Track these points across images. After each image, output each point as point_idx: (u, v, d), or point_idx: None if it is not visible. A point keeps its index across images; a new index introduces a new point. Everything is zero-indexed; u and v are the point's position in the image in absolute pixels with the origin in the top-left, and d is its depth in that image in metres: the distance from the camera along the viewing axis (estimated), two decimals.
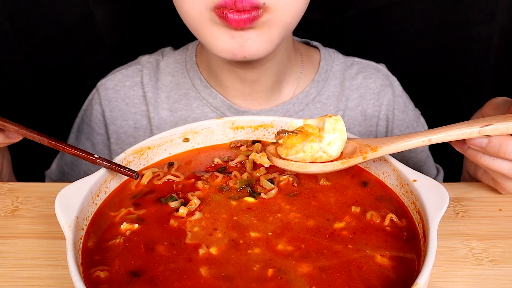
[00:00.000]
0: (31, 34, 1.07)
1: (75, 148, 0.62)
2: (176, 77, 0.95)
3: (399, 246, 0.52)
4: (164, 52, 1.00)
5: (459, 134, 0.57)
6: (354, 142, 0.61)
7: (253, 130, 0.71)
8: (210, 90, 0.92)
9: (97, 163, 0.60)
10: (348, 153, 0.60)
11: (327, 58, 0.96)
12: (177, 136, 0.68)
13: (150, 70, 0.96)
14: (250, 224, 0.55)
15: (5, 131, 0.66)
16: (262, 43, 0.76)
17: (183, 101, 0.94)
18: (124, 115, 0.96)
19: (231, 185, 0.62)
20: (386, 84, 0.97)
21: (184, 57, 0.97)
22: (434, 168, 1.03)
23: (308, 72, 0.95)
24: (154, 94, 0.95)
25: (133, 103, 0.96)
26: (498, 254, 0.58)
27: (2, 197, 0.70)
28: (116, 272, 0.49)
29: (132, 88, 0.97)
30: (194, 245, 0.52)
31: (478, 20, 1.09)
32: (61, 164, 1.01)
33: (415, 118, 1.00)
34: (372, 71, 0.97)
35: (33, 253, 0.60)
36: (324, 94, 0.94)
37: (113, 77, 0.98)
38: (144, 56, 0.99)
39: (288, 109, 0.92)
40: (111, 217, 0.57)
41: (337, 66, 0.96)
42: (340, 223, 0.55)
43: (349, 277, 0.48)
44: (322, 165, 0.58)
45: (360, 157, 0.58)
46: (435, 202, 0.52)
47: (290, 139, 0.58)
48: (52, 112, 1.17)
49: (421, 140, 0.58)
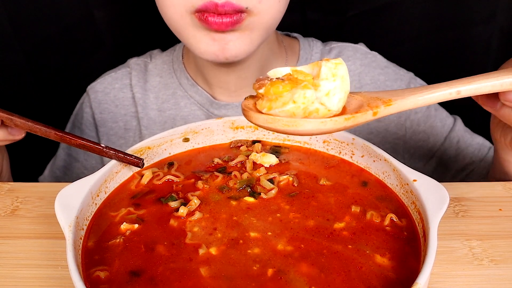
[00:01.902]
0: (31, 34, 1.07)
1: (81, 138, 0.62)
2: (164, 77, 0.97)
3: (399, 246, 0.52)
4: (152, 54, 1.01)
5: (497, 84, 0.45)
6: (359, 96, 0.48)
7: (253, 130, 0.71)
8: (196, 88, 0.93)
9: (104, 152, 0.61)
10: (352, 109, 0.46)
11: (306, 47, 0.97)
12: (177, 136, 0.68)
13: (138, 72, 0.98)
14: (250, 224, 0.55)
15: (8, 127, 0.66)
16: (243, 44, 0.77)
17: (171, 100, 0.95)
18: (114, 117, 0.98)
19: (231, 185, 0.62)
20: (366, 63, 0.97)
21: (171, 58, 0.98)
22: (449, 118, 0.96)
23: (291, 63, 0.96)
24: (142, 95, 0.96)
25: (123, 105, 0.98)
26: (498, 254, 0.58)
27: (2, 197, 0.70)
28: (116, 272, 0.49)
29: (121, 90, 0.98)
30: (194, 245, 0.52)
31: (478, 20, 1.09)
32: (53, 169, 1.01)
33: (411, 80, 0.98)
34: (349, 53, 0.97)
35: (33, 253, 0.60)
36: None
37: (102, 80, 0.99)
38: (133, 59, 1.00)
39: None
40: (111, 217, 0.57)
41: (316, 54, 0.97)
42: (340, 223, 0.55)
43: (348, 277, 0.48)
44: (320, 122, 0.44)
45: (369, 112, 0.45)
46: (435, 202, 0.52)
47: (274, 87, 0.44)
48: (52, 112, 1.17)
49: (448, 92, 0.46)
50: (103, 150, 0.61)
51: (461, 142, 0.95)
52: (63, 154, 1.01)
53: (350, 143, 0.65)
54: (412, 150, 0.97)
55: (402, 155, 0.97)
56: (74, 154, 1.01)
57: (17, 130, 0.67)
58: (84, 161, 1.00)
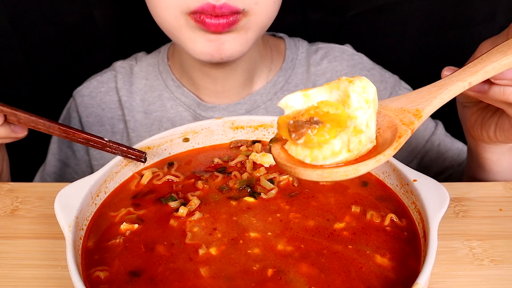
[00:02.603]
0: (31, 34, 1.07)
1: (85, 133, 0.63)
2: (149, 80, 0.97)
3: (399, 246, 0.52)
4: (137, 56, 1.01)
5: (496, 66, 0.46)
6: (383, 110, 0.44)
7: (253, 130, 0.71)
8: (182, 90, 0.93)
9: (107, 145, 0.62)
10: (386, 128, 0.43)
11: (292, 47, 0.97)
12: (177, 136, 0.68)
13: (124, 75, 0.98)
14: (250, 224, 0.55)
15: (11, 125, 0.66)
16: (238, 45, 0.77)
17: (157, 102, 0.95)
18: (101, 121, 0.98)
19: (231, 185, 0.62)
20: (352, 64, 0.97)
21: (156, 60, 0.98)
22: (431, 122, 0.98)
23: (277, 63, 0.96)
24: (128, 98, 0.96)
25: (109, 108, 0.98)
26: (498, 254, 0.58)
27: (2, 197, 0.70)
28: (116, 272, 0.49)
29: (107, 94, 0.98)
30: (194, 245, 0.52)
31: (478, 20, 1.09)
32: (44, 176, 1.01)
33: (395, 83, 0.98)
34: (336, 54, 0.97)
35: (33, 253, 0.60)
36: (292, 82, 0.94)
37: (88, 84, 0.99)
38: (118, 62, 1.00)
39: (256, 100, 0.93)
40: (111, 217, 0.57)
41: (302, 53, 0.97)
42: (340, 223, 0.55)
43: (348, 278, 0.48)
44: (375, 161, 0.39)
45: (408, 131, 0.42)
46: (435, 202, 0.52)
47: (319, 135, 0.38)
48: (52, 112, 1.16)
49: (462, 86, 0.45)
50: (107, 144, 0.62)
51: (442, 145, 0.96)
52: (53, 160, 1.01)
53: None
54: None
55: None
56: (65, 159, 1.01)
57: (19, 128, 0.67)
58: (75, 166, 1.00)
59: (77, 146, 0.99)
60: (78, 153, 1.00)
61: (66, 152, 1.00)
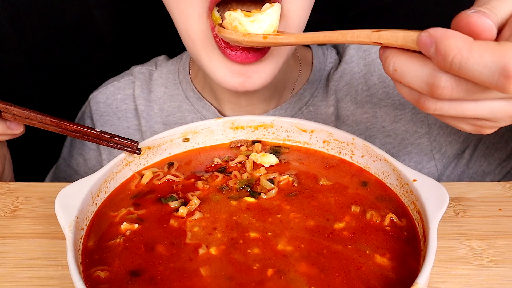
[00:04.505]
0: (31, 34, 1.07)
1: (76, 124, 0.63)
2: (169, 88, 0.92)
3: (399, 246, 0.52)
4: (158, 61, 0.97)
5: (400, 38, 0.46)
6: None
7: (253, 130, 0.71)
8: (203, 102, 0.89)
9: (99, 136, 0.61)
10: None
11: (320, 56, 0.91)
12: (177, 136, 0.68)
13: (142, 82, 0.93)
14: (250, 224, 0.55)
15: (7, 121, 0.66)
16: (267, 74, 0.69)
17: (176, 114, 0.91)
18: (117, 130, 0.94)
19: (231, 185, 0.62)
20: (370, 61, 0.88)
21: (177, 67, 0.94)
22: None
23: (305, 75, 0.90)
24: (146, 107, 0.92)
25: (126, 117, 0.94)
26: (498, 254, 0.58)
27: (2, 197, 0.70)
28: (116, 272, 0.49)
29: (124, 102, 0.94)
30: (194, 245, 0.52)
31: None
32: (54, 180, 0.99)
33: None
34: (352, 52, 0.90)
35: (33, 253, 0.60)
36: (318, 95, 0.89)
37: (104, 90, 0.95)
38: (137, 67, 0.97)
39: (281, 115, 0.87)
40: (111, 217, 0.57)
41: (330, 64, 0.91)
42: (340, 223, 0.55)
43: (348, 277, 0.48)
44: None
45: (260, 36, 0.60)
46: (435, 202, 0.52)
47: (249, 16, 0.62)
48: (52, 112, 1.17)
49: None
50: (98, 135, 0.61)
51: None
52: (63, 165, 0.99)
53: (350, 143, 0.65)
54: (444, 148, 0.88)
55: (432, 156, 0.88)
56: (75, 166, 0.98)
57: (15, 124, 0.67)
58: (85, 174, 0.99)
59: (89, 154, 0.96)
60: (89, 162, 0.97)
61: (77, 159, 0.98)
